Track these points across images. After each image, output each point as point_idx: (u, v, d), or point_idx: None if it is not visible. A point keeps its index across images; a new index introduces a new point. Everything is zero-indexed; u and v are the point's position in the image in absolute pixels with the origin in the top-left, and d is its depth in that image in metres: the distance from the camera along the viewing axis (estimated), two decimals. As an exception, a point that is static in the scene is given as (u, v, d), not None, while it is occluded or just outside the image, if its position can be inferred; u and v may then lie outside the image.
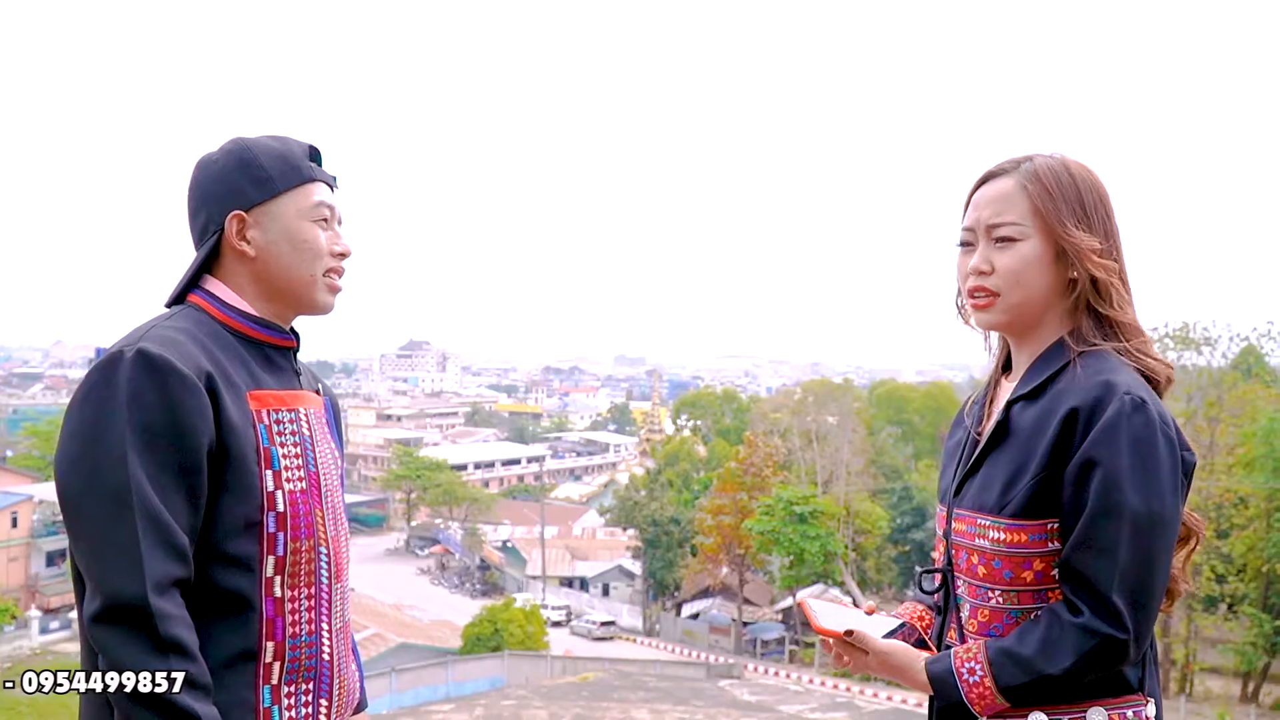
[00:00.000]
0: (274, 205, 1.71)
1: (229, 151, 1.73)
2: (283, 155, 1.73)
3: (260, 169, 1.70)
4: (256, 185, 1.69)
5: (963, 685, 1.58)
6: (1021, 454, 1.62)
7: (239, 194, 1.69)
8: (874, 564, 40.37)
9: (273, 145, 1.73)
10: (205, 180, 1.72)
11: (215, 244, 1.71)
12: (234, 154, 1.72)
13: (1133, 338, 1.66)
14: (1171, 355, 31.56)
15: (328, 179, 1.78)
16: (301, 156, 1.75)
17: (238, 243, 1.70)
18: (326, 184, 1.78)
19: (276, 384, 1.70)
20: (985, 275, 1.68)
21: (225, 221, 1.69)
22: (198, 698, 1.44)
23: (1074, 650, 1.50)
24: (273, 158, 1.71)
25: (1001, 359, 1.83)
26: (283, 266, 1.72)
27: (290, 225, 1.71)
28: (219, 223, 1.70)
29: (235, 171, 1.70)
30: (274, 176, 1.70)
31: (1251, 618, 27.36)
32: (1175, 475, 1.54)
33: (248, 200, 1.69)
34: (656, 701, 17.38)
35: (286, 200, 1.71)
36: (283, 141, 1.76)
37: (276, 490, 1.61)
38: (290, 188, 1.72)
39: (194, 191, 1.73)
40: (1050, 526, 1.58)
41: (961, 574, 1.70)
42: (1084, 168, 1.71)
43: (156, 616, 1.42)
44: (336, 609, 1.72)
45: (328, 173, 1.79)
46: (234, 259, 1.72)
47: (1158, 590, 1.52)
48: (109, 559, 1.44)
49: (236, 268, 1.72)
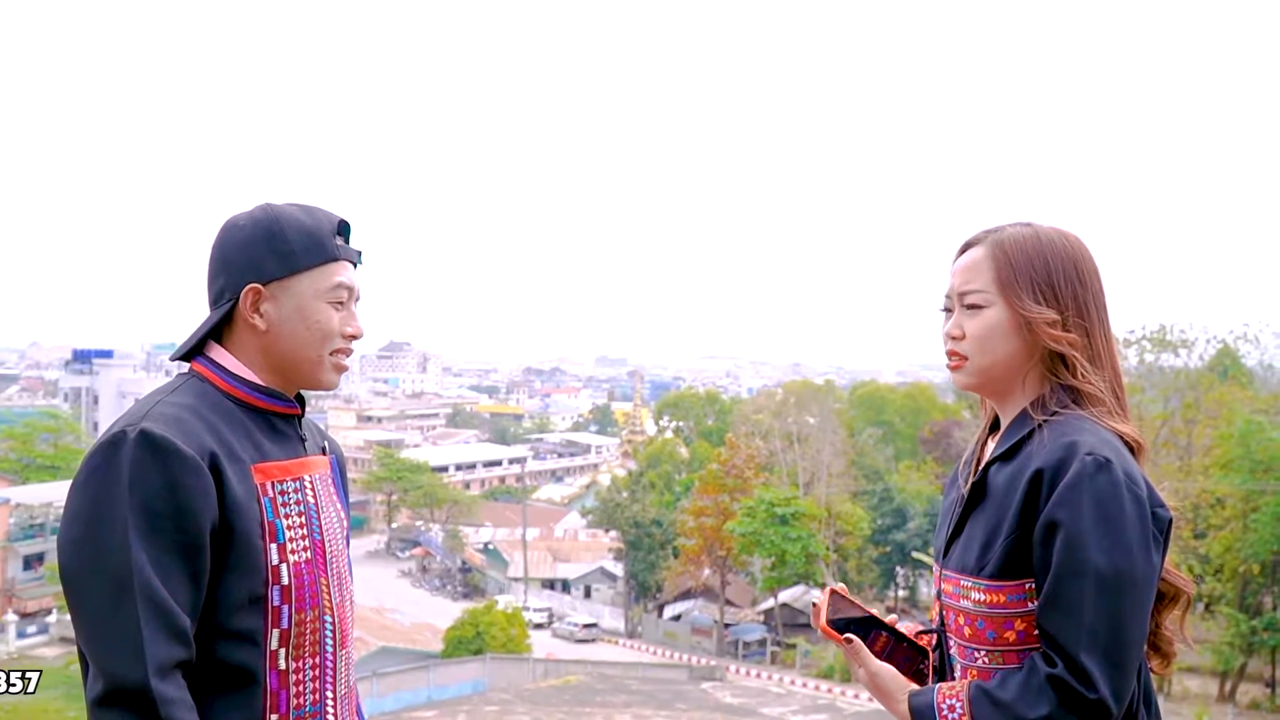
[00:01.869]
0: (293, 282, 1.69)
1: (257, 221, 1.70)
2: (310, 231, 1.71)
3: (285, 243, 1.68)
4: (279, 260, 1.68)
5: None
6: (996, 515, 1.65)
7: (259, 267, 1.67)
8: (855, 565, 40.50)
9: (301, 219, 1.71)
10: (229, 246, 1.70)
11: (228, 312, 1.70)
12: (261, 224, 1.69)
13: (1095, 407, 1.68)
14: (1149, 357, 31.93)
15: (352, 257, 1.76)
16: (329, 234, 1.73)
17: (250, 315, 1.69)
18: (350, 262, 1.76)
19: (281, 453, 1.69)
20: (957, 340, 1.75)
21: (241, 293, 1.68)
22: None
23: (1049, 701, 1.52)
24: (300, 232, 1.69)
25: (989, 418, 1.86)
26: (290, 344, 1.70)
27: (305, 304, 1.70)
28: (235, 292, 1.68)
29: (260, 243, 1.68)
30: (297, 252, 1.68)
31: (1228, 617, 27.63)
32: (1144, 532, 1.54)
33: (267, 274, 1.68)
34: (639, 705, 17.42)
35: (306, 278, 1.69)
36: (312, 215, 1.73)
37: (281, 563, 1.61)
38: (312, 266, 1.70)
39: (215, 255, 1.71)
40: (1028, 587, 1.61)
41: (952, 635, 1.73)
42: (1060, 237, 1.74)
43: (159, 701, 1.42)
44: (341, 676, 1.72)
45: (353, 250, 1.77)
46: (244, 330, 1.71)
47: (1131, 648, 1.53)
48: (111, 643, 1.44)
49: (245, 339, 1.71)
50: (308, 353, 1.72)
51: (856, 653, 1.72)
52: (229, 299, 1.69)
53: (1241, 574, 28.35)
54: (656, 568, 44.70)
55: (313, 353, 1.72)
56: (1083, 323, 1.70)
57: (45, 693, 25.50)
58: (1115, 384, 1.72)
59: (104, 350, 69.46)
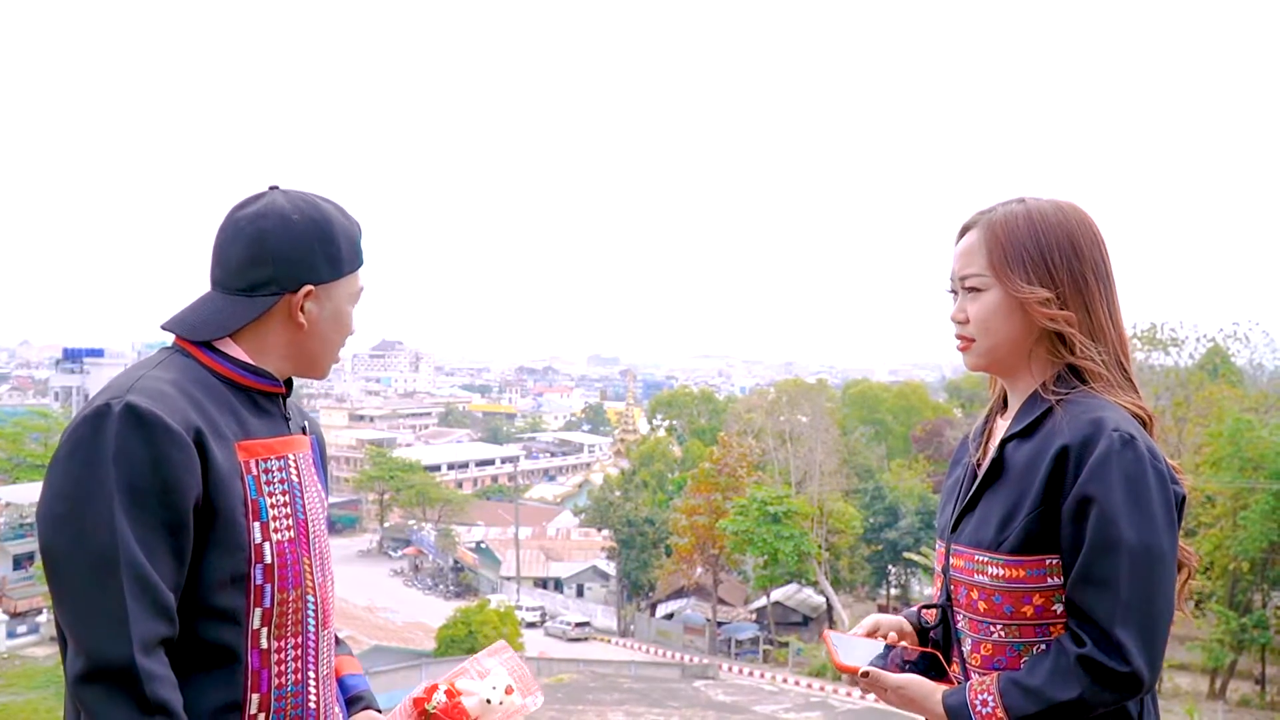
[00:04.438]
0: (334, 287, 1.74)
1: (310, 218, 1.71)
2: (353, 239, 1.77)
3: (337, 249, 1.73)
4: (330, 264, 1.72)
5: (976, 716, 1.61)
6: (1016, 491, 1.66)
7: (314, 268, 1.70)
8: (847, 563, 40.55)
9: (347, 226, 1.77)
10: (280, 238, 1.68)
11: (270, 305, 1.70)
12: (316, 224, 1.71)
13: (1097, 382, 1.69)
14: (1139, 356, 32.02)
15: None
16: (360, 240, 1.80)
17: (296, 313, 1.70)
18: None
19: (265, 431, 1.68)
20: (962, 324, 1.78)
21: (296, 289, 1.69)
22: None
23: (1079, 681, 1.54)
24: (348, 240, 1.76)
25: (999, 395, 1.88)
26: (321, 344, 1.76)
27: (340, 308, 1.77)
28: (285, 288, 1.69)
29: (315, 243, 1.70)
30: (344, 259, 1.75)
31: (1219, 615, 27.74)
32: (1168, 508, 1.58)
33: (320, 276, 1.71)
34: (633, 703, 17.39)
35: (344, 284, 1.76)
36: (349, 219, 1.78)
37: (264, 542, 1.60)
38: (351, 273, 1.77)
39: (263, 244, 1.68)
40: (1049, 563, 1.63)
41: (961, 609, 1.74)
42: (1054, 210, 1.74)
43: (143, 678, 1.41)
44: (324, 656, 1.72)
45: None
46: (280, 323, 1.71)
47: (1162, 622, 1.56)
48: (94, 620, 1.42)
49: (277, 330, 1.71)
50: (334, 352, 1.80)
51: (878, 678, 1.72)
52: (274, 292, 1.68)
53: (1231, 571, 28.44)
54: (649, 566, 44.72)
55: (336, 352, 1.81)
56: (1080, 297, 1.71)
57: (36, 692, 25.44)
58: (1121, 354, 1.73)
59: (95, 349, 69.20)
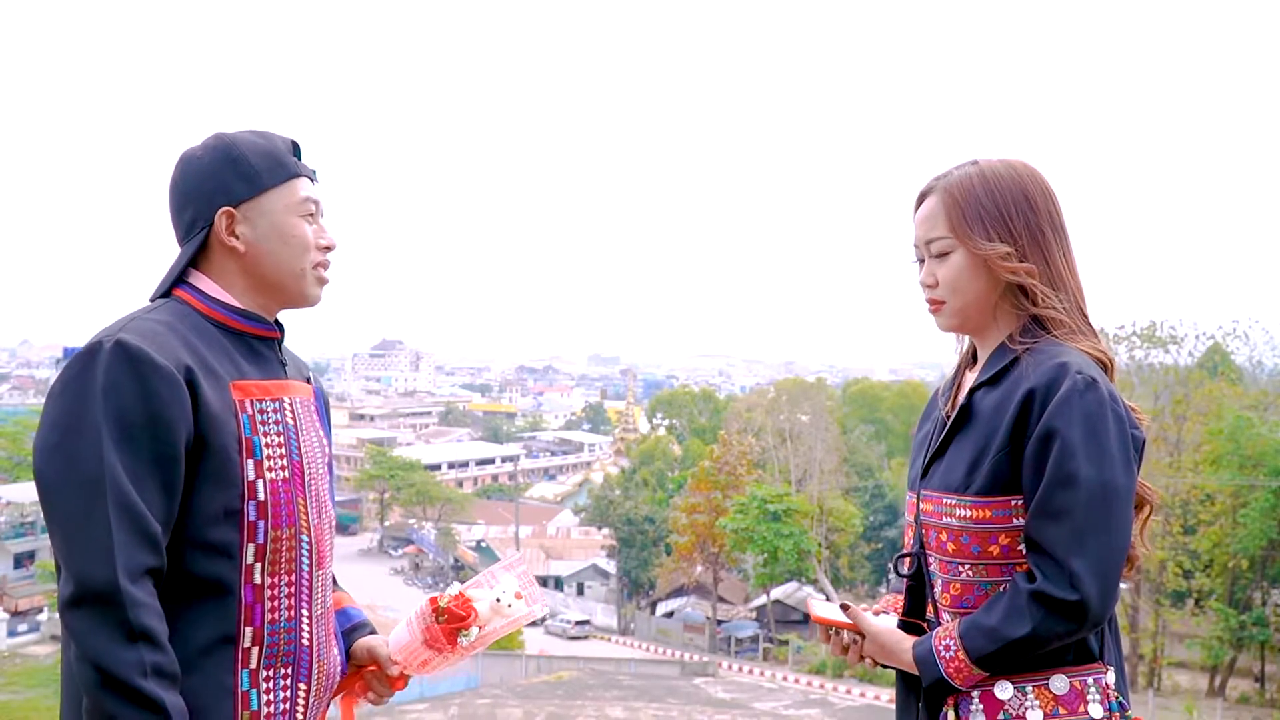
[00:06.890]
0: (262, 201, 1.72)
1: (213, 148, 1.73)
2: (268, 151, 1.74)
3: (248, 165, 1.71)
4: (244, 181, 1.71)
5: (941, 661, 1.69)
6: (983, 436, 1.73)
7: (226, 190, 1.70)
8: (847, 561, 40.55)
9: (258, 141, 1.74)
10: (191, 176, 1.73)
11: (203, 239, 1.72)
12: (219, 150, 1.72)
13: (1058, 330, 1.76)
14: (1139, 354, 32.03)
15: (309, 173, 1.81)
16: (286, 152, 1.77)
17: (227, 239, 1.71)
18: (308, 178, 1.80)
19: (260, 374, 1.72)
20: (932, 288, 1.84)
21: (214, 218, 1.71)
22: (165, 686, 1.46)
23: (1030, 617, 1.60)
24: (259, 154, 1.72)
25: (968, 351, 1.95)
26: (272, 262, 1.74)
27: (279, 220, 1.73)
28: (207, 219, 1.71)
29: (222, 168, 1.71)
30: (261, 172, 1.72)
31: (1218, 612, 27.71)
32: (1126, 448, 1.65)
33: (236, 196, 1.70)
34: (631, 699, 17.41)
35: (274, 196, 1.73)
36: (266, 137, 1.77)
37: (258, 479, 1.63)
38: (277, 184, 1.73)
39: (178, 187, 1.74)
40: (1014, 503, 1.69)
41: (933, 551, 1.80)
42: (1006, 168, 1.81)
43: (127, 603, 1.44)
44: (318, 595, 1.75)
45: (308, 167, 1.82)
46: (222, 254, 1.73)
47: (1116, 555, 1.61)
48: (83, 546, 1.46)
49: (225, 263, 1.74)
50: (290, 267, 1.76)
51: (857, 616, 1.81)
52: (201, 227, 1.72)
53: (1231, 569, 28.42)
54: (649, 565, 44.72)
55: (295, 266, 1.76)
56: (1039, 249, 1.78)
57: (35, 690, 25.44)
58: (1079, 301, 1.80)
59: (95, 349, 69.06)
